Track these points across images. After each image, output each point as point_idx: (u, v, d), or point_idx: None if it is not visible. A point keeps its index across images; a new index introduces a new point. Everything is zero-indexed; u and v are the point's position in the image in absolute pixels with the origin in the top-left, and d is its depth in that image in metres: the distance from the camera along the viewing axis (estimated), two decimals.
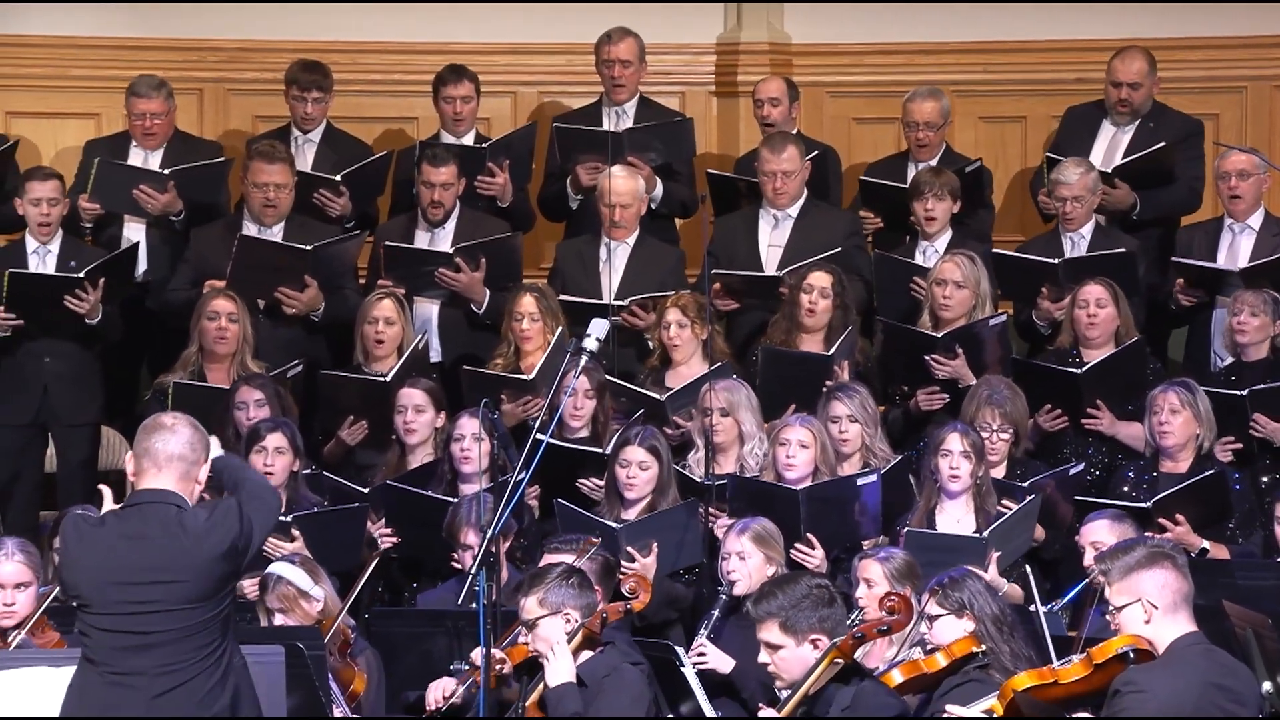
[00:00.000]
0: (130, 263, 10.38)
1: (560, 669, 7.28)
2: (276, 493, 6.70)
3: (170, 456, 6.31)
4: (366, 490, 9.05)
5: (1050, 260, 10.17)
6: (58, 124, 11.82)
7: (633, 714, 7.28)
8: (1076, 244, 10.37)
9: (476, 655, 7.50)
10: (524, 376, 9.64)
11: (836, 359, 9.59)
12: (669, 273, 10.44)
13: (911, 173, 10.84)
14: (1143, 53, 10.99)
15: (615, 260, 10.40)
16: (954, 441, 8.65)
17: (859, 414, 9.08)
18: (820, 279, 9.85)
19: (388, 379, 9.61)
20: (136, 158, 10.89)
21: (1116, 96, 10.96)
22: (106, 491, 6.52)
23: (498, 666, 7.43)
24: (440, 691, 7.61)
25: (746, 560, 8.15)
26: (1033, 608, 7.52)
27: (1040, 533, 8.78)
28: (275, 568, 7.86)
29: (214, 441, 6.52)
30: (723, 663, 7.91)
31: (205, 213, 10.77)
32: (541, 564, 7.83)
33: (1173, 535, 8.55)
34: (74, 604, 6.31)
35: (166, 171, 10.70)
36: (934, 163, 10.83)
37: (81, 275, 9.96)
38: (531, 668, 7.51)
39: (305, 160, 11.01)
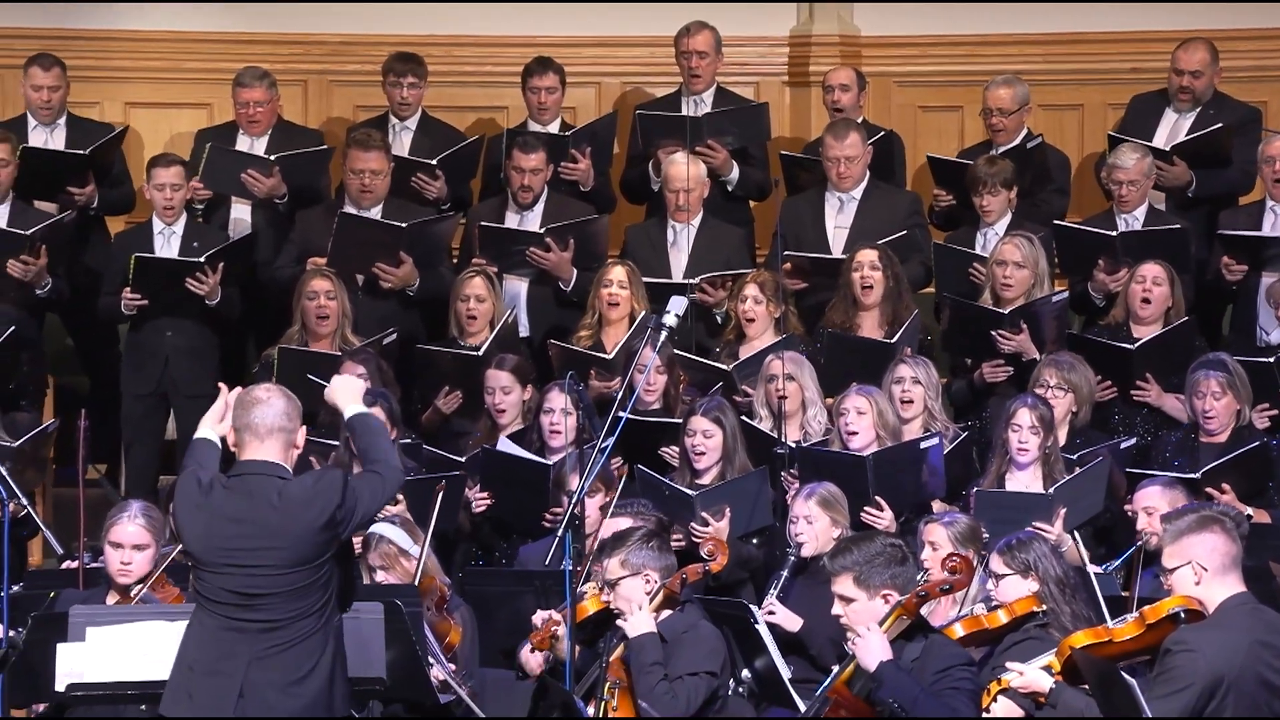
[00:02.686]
0: (248, 249, 10.49)
1: (641, 622, 7.31)
2: (397, 469, 6.51)
3: (270, 428, 6.41)
4: (464, 459, 9.11)
5: (1108, 233, 10.16)
6: (172, 114, 11.92)
7: (709, 668, 7.31)
8: (1131, 225, 10.36)
9: (538, 618, 7.57)
10: (606, 355, 9.68)
11: (899, 348, 9.59)
12: (734, 251, 10.50)
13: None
14: (1205, 43, 10.96)
15: (682, 241, 10.44)
16: (1023, 416, 8.67)
17: (923, 378, 9.10)
18: (868, 255, 9.86)
19: (480, 352, 9.68)
20: (243, 144, 10.98)
21: (1178, 84, 10.91)
22: (223, 388, 6.68)
23: (554, 628, 7.48)
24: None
25: (813, 523, 8.16)
26: (1090, 568, 7.51)
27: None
28: (377, 528, 7.92)
29: (349, 383, 6.55)
30: (791, 621, 7.94)
31: (307, 197, 10.85)
32: (609, 528, 7.83)
33: (1219, 502, 8.52)
34: (188, 562, 6.40)
35: (272, 158, 10.79)
36: (1015, 143, 10.79)
37: (203, 260, 10.08)
38: (596, 625, 7.54)
39: (402, 146, 11.07)
